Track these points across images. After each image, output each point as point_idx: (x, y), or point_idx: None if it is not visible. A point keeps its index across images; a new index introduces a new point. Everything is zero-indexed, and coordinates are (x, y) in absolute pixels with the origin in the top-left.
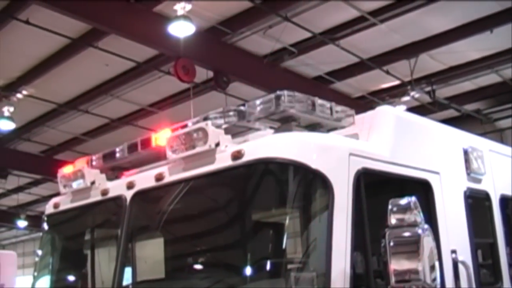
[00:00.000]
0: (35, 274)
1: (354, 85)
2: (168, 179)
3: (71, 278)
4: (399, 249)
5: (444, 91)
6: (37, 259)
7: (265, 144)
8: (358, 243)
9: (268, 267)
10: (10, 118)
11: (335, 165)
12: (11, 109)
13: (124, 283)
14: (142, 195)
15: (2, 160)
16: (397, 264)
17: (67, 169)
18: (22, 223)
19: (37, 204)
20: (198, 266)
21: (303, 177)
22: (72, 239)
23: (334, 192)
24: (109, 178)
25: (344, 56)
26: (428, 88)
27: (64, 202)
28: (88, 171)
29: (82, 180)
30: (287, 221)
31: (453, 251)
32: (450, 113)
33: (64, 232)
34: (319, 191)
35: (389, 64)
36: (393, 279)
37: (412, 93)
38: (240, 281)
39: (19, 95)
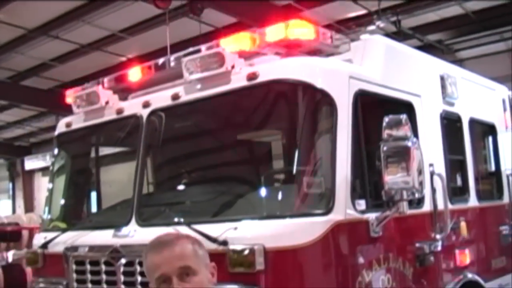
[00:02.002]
0: (49, 192)
1: (322, 14)
2: (184, 98)
3: (85, 195)
4: (392, 159)
5: (409, 22)
6: (49, 178)
7: (278, 67)
8: (356, 154)
9: (282, 175)
10: None
11: (337, 86)
12: None
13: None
14: (158, 114)
15: None
16: (390, 172)
17: (77, 91)
18: None
19: (2, 131)
20: (215, 178)
21: (311, 96)
22: (85, 157)
23: (337, 109)
24: (120, 99)
25: None
26: (394, 18)
27: (77, 121)
28: (102, 91)
29: (97, 100)
30: (297, 135)
31: (431, 165)
32: (414, 42)
33: (77, 150)
34: (325, 109)
35: None
36: (386, 185)
37: (377, 23)
38: (258, 187)
39: None
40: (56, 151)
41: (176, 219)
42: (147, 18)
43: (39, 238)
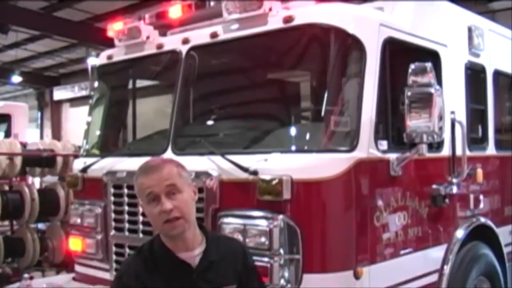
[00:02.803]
0: (88, 120)
1: None
2: (222, 36)
3: (123, 125)
4: (415, 104)
5: None
6: (89, 107)
7: (313, 12)
8: (381, 98)
9: (311, 113)
10: None
11: (368, 32)
12: None
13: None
14: (197, 50)
15: (2, 15)
16: (412, 116)
17: (119, 25)
18: (16, 79)
19: (32, 60)
20: (247, 114)
21: (342, 40)
22: (124, 88)
23: (367, 55)
24: (160, 35)
25: None
26: None
27: (118, 54)
28: (144, 26)
29: (138, 35)
30: (327, 77)
31: (452, 112)
32: None
33: (117, 81)
34: (355, 53)
35: None
36: (408, 128)
37: None
38: (287, 124)
39: None
40: (96, 82)
41: (210, 149)
42: None
43: (79, 163)
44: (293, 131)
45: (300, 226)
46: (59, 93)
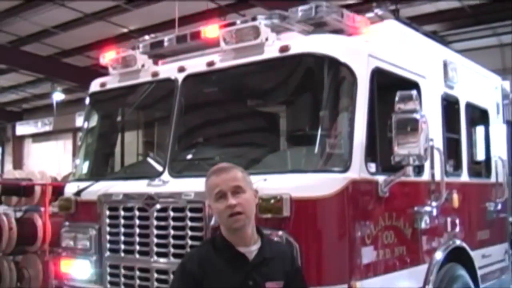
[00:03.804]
0: (79, 149)
1: None
2: (219, 65)
3: (115, 151)
4: (402, 129)
5: (407, 11)
6: (80, 136)
7: (308, 42)
8: (370, 123)
9: (307, 136)
10: None
11: (358, 62)
12: None
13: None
14: (193, 78)
15: None
16: (399, 139)
17: (113, 54)
18: None
19: None
20: (244, 139)
21: (335, 69)
22: (117, 115)
23: (357, 82)
24: (155, 63)
25: None
26: (392, 7)
27: (112, 82)
28: (139, 55)
29: (134, 63)
30: (321, 103)
31: (431, 139)
32: None
33: (110, 108)
34: (347, 81)
35: None
36: (395, 151)
37: (376, 10)
38: (285, 146)
39: None
40: (88, 108)
41: (205, 172)
42: None
43: (72, 186)
44: (290, 153)
45: (299, 241)
46: (22, 128)
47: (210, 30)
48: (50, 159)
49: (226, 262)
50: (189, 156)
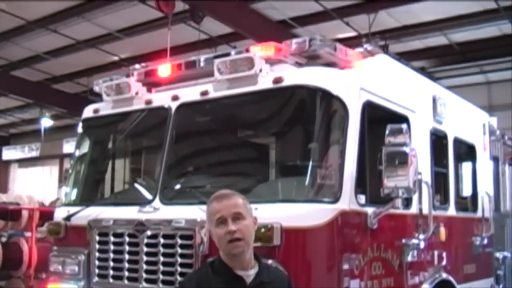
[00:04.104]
0: (70, 174)
1: (314, 32)
2: (212, 94)
3: (106, 177)
4: (392, 162)
5: (396, 47)
6: (71, 161)
7: (302, 74)
8: (360, 155)
9: (298, 167)
10: None
11: (350, 95)
12: None
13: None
14: (186, 107)
15: None
16: (389, 172)
17: (107, 81)
18: None
19: None
20: (236, 168)
21: (328, 101)
22: (110, 143)
23: (349, 115)
24: (148, 91)
25: (310, 4)
26: (382, 43)
27: (105, 108)
28: (133, 82)
29: (127, 90)
30: (313, 134)
31: (419, 173)
32: None
33: (103, 134)
34: (339, 113)
35: (350, 16)
36: (385, 183)
37: (365, 46)
38: (276, 176)
39: None
40: (80, 134)
41: (197, 200)
42: (145, 21)
43: (62, 211)
44: (281, 183)
45: (288, 270)
46: (8, 153)
47: (205, 60)
48: (36, 184)
49: (224, 285)
50: (181, 184)
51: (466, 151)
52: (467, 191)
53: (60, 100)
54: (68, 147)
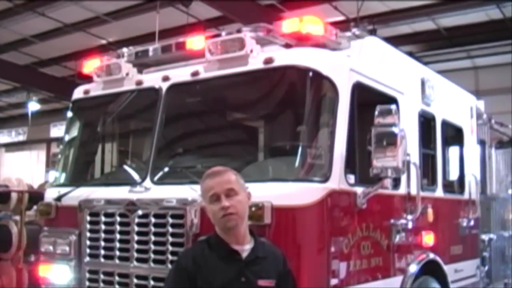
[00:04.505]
0: (60, 157)
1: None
2: (203, 75)
3: (96, 158)
4: (381, 143)
5: (384, 31)
6: (61, 143)
7: (292, 54)
8: (350, 135)
9: (289, 146)
10: None
11: (340, 76)
12: None
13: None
14: (177, 88)
15: None
16: (378, 152)
17: (97, 62)
18: None
19: None
20: (227, 148)
21: (318, 82)
22: (99, 122)
23: (339, 95)
24: (139, 72)
25: None
26: (370, 27)
27: (95, 89)
28: (124, 63)
29: (118, 71)
30: (304, 114)
31: (408, 154)
32: None
33: (93, 115)
34: (329, 94)
35: (339, 0)
36: (374, 163)
37: (353, 30)
38: (266, 156)
39: None
40: (70, 115)
41: (187, 179)
42: (133, 4)
43: (53, 192)
44: (271, 162)
45: (279, 248)
46: None
47: (196, 41)
48: (23, 169)
49: (220, 259)
50: (171, 164)
51: (454, 134)
52: (454, 173)
53: (47, 84)
54: (56, 131)
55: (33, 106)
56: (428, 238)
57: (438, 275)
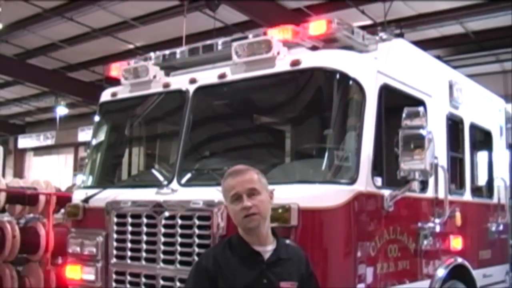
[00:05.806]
0: (88, 159)
1: None
2: (230, 77)
3: (124, 160)
4: (408, 145)
5: (411, 35)
6: (89, 146)
7: (319, 56)
8: (377, 137)
9: (316, 148)
10: None
11: (368, 78)
12: None
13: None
14: (204, 90)
15: None
16: (406, 155)
17: (125, 64)
18: None
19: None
20: (254, 150)
21: (345, 83)
22: (128, 126)
23: (366, 97)
24: (166, 75)
25: None
26: (397, 31)
27: (123, 92)
28: (151, 66)
29: (145, 74)
30: (331, 116)
31: (435, 157)
32: None
33: (120, 118)
34: (356, 96)
35: (366, 4)
36: (402, 166)
37: (381, 34)
38: (294, 158)
39: None
40: (98, 117)
41: (214, 181)
42: (161, 9)
43: (80, 193)
44: (298, 164)
45: (306, 250)
46: (24, 141)
47: (222, 43)
48: (51, 173)
49: (241, 260)
50: (198, 166)
51: (482, 137)
52: (483, 176)
53: (75, 88)
54: (83, 135)
55: (61, 110)
56: (456, 242)
57: (466, 280)
